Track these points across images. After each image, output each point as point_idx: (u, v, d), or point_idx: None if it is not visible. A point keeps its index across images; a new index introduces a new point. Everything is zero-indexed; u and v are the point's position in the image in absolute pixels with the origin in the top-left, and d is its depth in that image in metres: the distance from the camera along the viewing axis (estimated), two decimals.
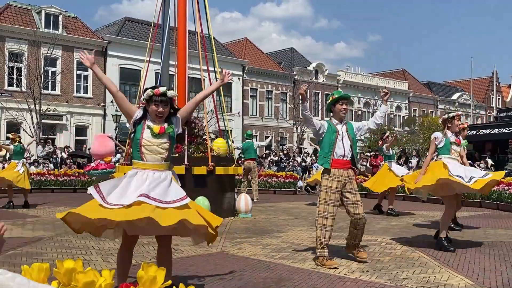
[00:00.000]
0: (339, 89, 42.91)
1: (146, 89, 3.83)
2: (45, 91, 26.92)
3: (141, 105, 4.44)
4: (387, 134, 11.47)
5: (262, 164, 22.63)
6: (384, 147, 10.92)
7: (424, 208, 11.79)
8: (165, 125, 3.79)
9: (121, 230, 3.79)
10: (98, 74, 3.99)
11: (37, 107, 25.61)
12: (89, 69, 28.47)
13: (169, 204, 3.51)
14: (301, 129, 37.34)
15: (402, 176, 8.98)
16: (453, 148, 6.69)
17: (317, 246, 5.37)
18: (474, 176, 6.26)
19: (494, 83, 56.87)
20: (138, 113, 3.84)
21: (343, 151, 5.39)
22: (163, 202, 3.50)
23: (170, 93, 3.80)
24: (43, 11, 28.97)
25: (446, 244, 6.26)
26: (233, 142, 14.88)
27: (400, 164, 16.09)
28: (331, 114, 5.64)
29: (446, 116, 7.00)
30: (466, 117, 52.91)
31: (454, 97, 53.78)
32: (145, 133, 3.75)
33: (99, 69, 4.10)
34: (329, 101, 5.58)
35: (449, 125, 6.85)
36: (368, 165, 19.98)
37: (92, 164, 12.34)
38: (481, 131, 24.07)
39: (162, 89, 3.76)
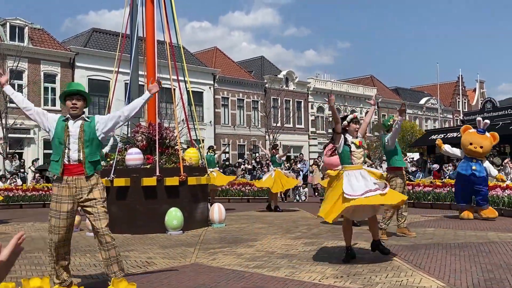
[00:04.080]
0: (309, 96, 43.29)
1: (344, 117, 6.05)
2: (12, 105, 26.25)
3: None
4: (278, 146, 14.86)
5: (236, 173, 22.58)
6: (276, 156, 13.92)
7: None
8: (361, 139, 5.99)
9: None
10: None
11: (4, 121, 25.02)
12: (56, 81, 27.44)
13: (381, 191, 5.72)
14: (273, 136, 37.46)
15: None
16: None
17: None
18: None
19: (460, 87, 58.29)
20: (342, 141, 5.93)
21: None
22: (379, 189, 5.70)
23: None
24: (7, 23, 28.37)
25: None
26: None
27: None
28: (387, 130, 7.94)
29: None
30: (434, 121, 54.05)
31: (422, 101, 54.89)
32: (352, 147, 5.88)
33: None
34: (392, 122, 7.79)
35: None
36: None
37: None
38: (448, 134, 24.64)
39: (354, 113, 6.18)
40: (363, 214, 6.08)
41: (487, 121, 10.81)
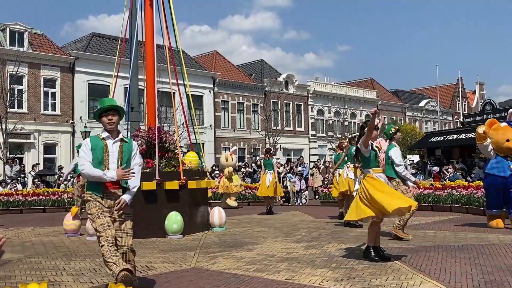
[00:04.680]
0: (309, 99, 43.33)
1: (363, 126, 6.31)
2: (12, 110, 26.37)
3: None
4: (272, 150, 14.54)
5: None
6: (273, 161, 13.40)
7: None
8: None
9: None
10: None
11: (4, 126, 25.04)
12: (56, 86, 27.59)
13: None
14: (273, 139, 37.48)
15: None
16: None
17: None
18: None
19: (460, 89, 58.34)
20: (370, 146, 6.16)
21: None
22: None
23: None
24: (7, 28, 28.41)
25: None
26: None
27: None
28: (390, 139, 7.96)
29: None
30: (434, 123, 54.06)
31: (422, 104, 54.92)
32: (376, 151, 6.27)
33: None
34: (393, 131, 7.91)
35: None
36: None
37: None
38: (448, 136, 24.60)
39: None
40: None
41: None
